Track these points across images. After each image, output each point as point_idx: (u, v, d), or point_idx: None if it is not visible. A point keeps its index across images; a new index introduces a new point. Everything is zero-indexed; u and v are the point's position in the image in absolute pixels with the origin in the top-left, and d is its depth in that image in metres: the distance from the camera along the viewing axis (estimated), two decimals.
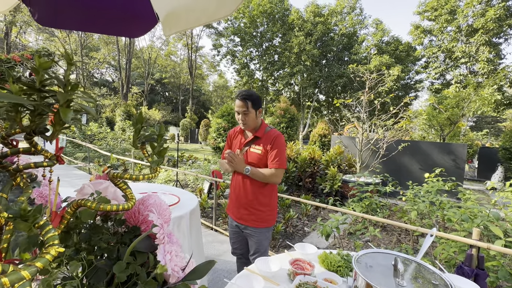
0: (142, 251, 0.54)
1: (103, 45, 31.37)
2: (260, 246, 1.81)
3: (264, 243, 1.83)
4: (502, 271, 1.98)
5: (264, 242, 1.83)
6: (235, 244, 1.97)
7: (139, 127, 0.54)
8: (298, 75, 22.80)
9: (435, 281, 0.79)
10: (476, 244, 1.88)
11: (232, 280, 1.12)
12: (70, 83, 0.51)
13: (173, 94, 43.77)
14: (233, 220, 1.90)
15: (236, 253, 1.99)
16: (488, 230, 2.36)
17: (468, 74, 19.52)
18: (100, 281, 0.51)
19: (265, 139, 1.77)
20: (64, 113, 0.49)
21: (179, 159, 10.02)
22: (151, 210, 0.52)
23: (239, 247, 1.95)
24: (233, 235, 1.96)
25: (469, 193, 3.53)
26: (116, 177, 0.53)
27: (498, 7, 17.23)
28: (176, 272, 0.47)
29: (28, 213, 0.33)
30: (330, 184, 5.23)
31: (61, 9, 1.63)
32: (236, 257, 2.02)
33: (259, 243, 1.80)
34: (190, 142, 25.19)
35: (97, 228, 0.56)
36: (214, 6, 1.31)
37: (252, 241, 1.82)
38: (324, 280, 1.14)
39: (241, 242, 1.93)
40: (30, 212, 0.33)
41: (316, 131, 11.36)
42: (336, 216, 2.95)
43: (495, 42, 18.84)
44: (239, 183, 1.82)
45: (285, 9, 23.52)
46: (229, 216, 1.96)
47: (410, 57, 23.07)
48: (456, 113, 7.50)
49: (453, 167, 6.03)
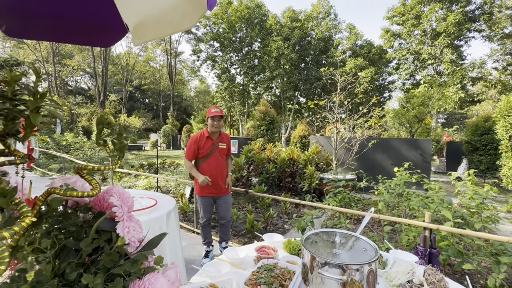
0: (106, 230, 0.64)
1: (77, 52, 30.27)
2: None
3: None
4: (452, 249, 2.22)
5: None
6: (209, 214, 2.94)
7: (100, 127, 0.65)
8: (278, 78, 23.26)
9: (365, 249, 0.95)
10: (428, 226, 2.11)
11: (202, 267, 1.23)
12: (38, 92, 0.62)
13: (153, 100, 42.91)
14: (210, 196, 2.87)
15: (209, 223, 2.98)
16: (441, 214, 2.63)
17: (435, 74, 20.91)
18: (70, 258, 0.61)
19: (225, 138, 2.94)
20: (34, 118, 0.59)
21: (160, 166, 9.89)
22: (112, 195, 0.63)
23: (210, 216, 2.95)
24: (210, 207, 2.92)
25: (433, 184, 3.84)
26: (81, 169, 0.63)
27: (457, 12, 18.70)
28: (133, 242, 0.59)
29: (7, 190, 0.43)
30: (308, 182, 5.44)
31: (30, 21, 1.66)
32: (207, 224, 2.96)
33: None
34: (173, 148, 24.77)
35: (67, 215, 0.66)
36: (179, 18, 1.42)
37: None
38: (286, 262, 1.27)
39: (211, 212, 2.96)
40: (8, 190, 0.43)
41: (296, 132, 11.67)
42: (311, 212, 3.13)
43: (456, 44, 20.37)
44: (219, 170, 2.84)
45: (262, 15, 24.00)
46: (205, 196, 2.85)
47: (382, 60, 24.30)
48: (422, 111, 8.09)
49: (421, 161, 6.48)
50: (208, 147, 2.76)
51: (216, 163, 2.79)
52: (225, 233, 3.00)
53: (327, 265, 0.87)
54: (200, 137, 2.79)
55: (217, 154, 2.80)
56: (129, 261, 0.59)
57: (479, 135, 9.00)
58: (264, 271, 1.12)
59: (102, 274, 0.58)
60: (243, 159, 5.59)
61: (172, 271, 0.64)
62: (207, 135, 2.77)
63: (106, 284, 0.58)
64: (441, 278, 1.05)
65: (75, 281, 0.58)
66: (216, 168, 2.79)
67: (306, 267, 0.94)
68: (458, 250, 2.22)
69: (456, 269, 2.28)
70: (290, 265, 1.21)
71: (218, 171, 2.79)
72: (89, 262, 0.61)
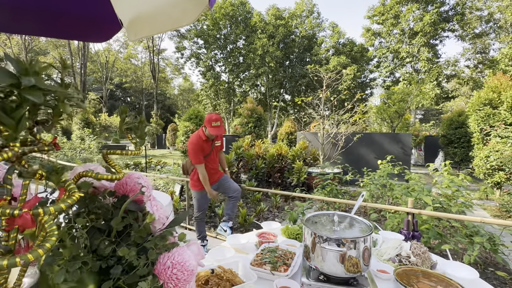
0: (132, 210, 0.70)
1: (52, 48, 28.78)
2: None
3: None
4: (432, 232, 2.42)
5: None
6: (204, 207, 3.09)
7: (124, 116, 0.70)
8: (263, 76, 23.38)
9: (360, 226, 1.05)
10: (410, 211, 2.28)
11: (208, 252, 1.29)
12: (65, 82, 0.65)
13: (135, 99, 41.66)
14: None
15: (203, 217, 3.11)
16: (422, 200, 2.83)
17: (413, 72, 21.89)
18: (99, 237, 0.66)
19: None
20: (63, 107, 0.63)
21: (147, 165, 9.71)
22: (139, 177, 0.68)
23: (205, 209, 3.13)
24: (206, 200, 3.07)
25: (414, 175, 4.09)
26: (108, 154, 0.67)
27: (432, 13, 19.65)
28: (162, 218, 0.64)
29: (58, 168, 0.47)
30: (297, 177, 5.59)
31: (20, 15, 1.63)
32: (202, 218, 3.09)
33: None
34: (158, 148, 24.27)
35: (93, 198, 0.71)
36: (178, 14, 1.44)
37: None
38: (287, 245, 1.36)
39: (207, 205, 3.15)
40: (59, 168, 0.48)
41: (283, 129, 11.85)
42: (302, 204, 3.25)
43: (432, 43, 21.42)
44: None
45: (247, 12, 23.96)
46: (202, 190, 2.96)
47: (364, 57, 25.07)
48: (402, 107, 8.50)
49: (402, 154, 6.83)
50: (207, 148, 2.94)
51: (213, 160, 3.04)
52: (232, 210, 3.03)
53: (327, 240, 0.96)
54: (199, 141, 2.88)
55: (214, 152, 3.04)
56: (158, 236, 0.65)
57: (453, 129, 9.58)
58: (267, 253, 1.20)
59: (135, 248, 0.63)
60: (233, 156, 5.65)
61: (194, 246, 0.70)
62: (204, 138, 2.86)
63: (139, 256, 0.64)
64: (425, 251, 1.18)
65: (108, 256, 0.64)
66: (213, 166, 3.03)
67: (307, 245, 1.03)
68: (438, 232, 2.42)
69: (435, 249, 2.48)
70: (290, 247, 1.30)
71: (215, 167, 3.05)
72: (119, 239, 0.66)
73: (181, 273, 0.60)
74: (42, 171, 0.48)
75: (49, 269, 0.55)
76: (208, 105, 25.15)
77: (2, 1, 1.60)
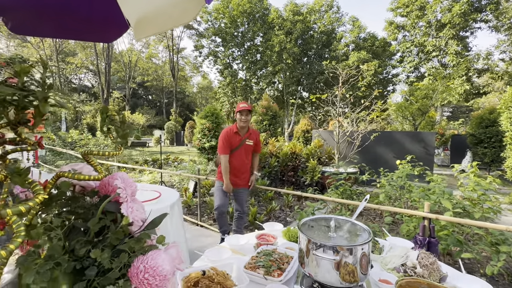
0: (111, 211, 0.69)
1: (80, 49, 30.39)
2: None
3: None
4: (451, 238, 2.25)
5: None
6: (222, 202, 2.94)
7: (104, 116, 0.69)
8: (280, 73, 23.14)
9: (359, 233, 0.99)
10: (427, 215, 2.13)
11: (204, 253, 1.28)
12: (46, 83, 0.66)
13: (156, 97, 43.03)
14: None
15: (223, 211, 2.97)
16: (442, 206, 2.65)
17: (439, 67, 20.59)
18: (78, 237, 0.66)
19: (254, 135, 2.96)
20: (43, 106, 0.64)
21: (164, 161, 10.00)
22: (117, 179, 0.67)
23: (224, 204, 2.96)
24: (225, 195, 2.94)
25: (435, 176, 3.85)
26: (87, 154, 0.67)
27: (462, 3, 18.30)
28: (137, 221, 0.63)
29: (21, 170, 0.48)
30: (310, 176, 5.48)
31: (35, 18, 1.71)
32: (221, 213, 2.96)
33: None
34: (176, 144, 24.93)
35: (75, 198, 0.71)
36: (179, 12, 1.46)
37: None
38: (285, 248, 1.32)
39: (225, 201, 2.97)
40: (23, 169, 0.48)
41: (299, 127, 11.67)
42: (312, 204, 3.17)
43: (462, 35, 19.98)
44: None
45: (264, 9, 23.77)
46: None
47: (386, 52, 23.98)
48: (426, 104, 8.01)
49: (424, 153, 6.46)
50: (235, 142, 2.81)
51: (239, 159, 2.84)
52: (238, 226, 3.04)
53: (321, 247, 0.91)
54: (229, 132, 2.83)
55: (242, 150, 2.84)
56: (134, 239, 0.64)
57: (483, 128, 8.91)
58: (263, 256, 1.17)
59: (109, 250, 0.62)
60: None
61: (173, 249, 0.68)
62: (235, 130, 2.81)
63: (113, 259, 0.63)
64: (434, 261, 1.08)
65: (84, 256, 0.63)
66: (238, 163, 2.85)
67: (302, 251, 0.98)
68: (457, 239, 2.25)
69: (455, 257, 2.31)
70: (289, 251, 1.26)
71: (240, 166, 2.86)
72: (96, 240, 0.66)
73: (152, 278, 0.59)
74: (4, 173, 0.48)
75: (21, 268, 0.56)
76: (225, 103, 25.38)
77: (20, 5, 1.68)
